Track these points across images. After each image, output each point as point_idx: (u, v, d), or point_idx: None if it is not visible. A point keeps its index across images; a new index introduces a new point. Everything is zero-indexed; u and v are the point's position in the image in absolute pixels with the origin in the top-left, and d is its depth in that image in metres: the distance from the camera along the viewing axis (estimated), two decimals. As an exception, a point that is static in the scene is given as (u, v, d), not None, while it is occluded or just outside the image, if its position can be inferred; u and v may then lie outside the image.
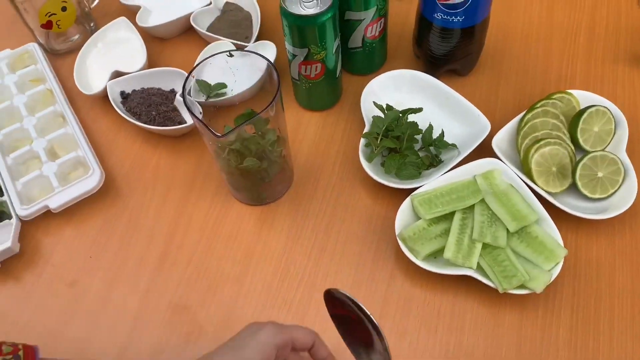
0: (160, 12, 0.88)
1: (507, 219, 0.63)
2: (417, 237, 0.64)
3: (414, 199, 0.65)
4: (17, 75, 0.82)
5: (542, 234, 0.63)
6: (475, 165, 0.68)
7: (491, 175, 0.67)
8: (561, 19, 0.85)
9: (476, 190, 0.66)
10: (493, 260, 0.62)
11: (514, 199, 0.65)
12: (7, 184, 0.72)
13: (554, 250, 0.61)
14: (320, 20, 0.65)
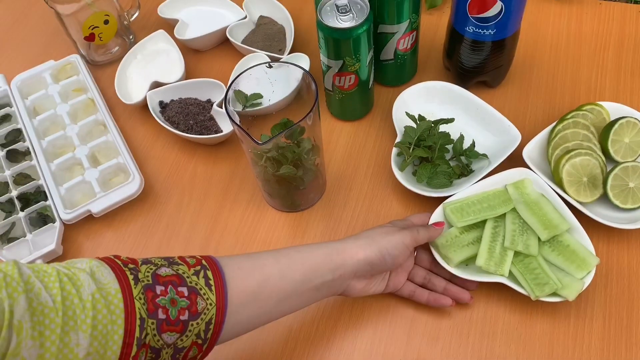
0: (197, 25, 0.91)
1: (538, 227, 0.64)
2: (450, 244, 0.65)
3: (446, 207, 0.67)
4: (60, 85, 0.85)
5: (574, 242, 0.64)
6: (506, 175, 0.69)
7: (522, 184, 0.68)
8: (590, 32, 0.86)
9: (507, 200, 0.67)
10: (525, 268, 0.63)
11: (545, 208, 0.65)
12: (51, 189, 0.75)
13: (585, 259, 0.62)
14: (355, 33, 0.67)
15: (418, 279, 0.65)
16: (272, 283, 0.53)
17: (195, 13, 0.93)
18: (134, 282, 0.47)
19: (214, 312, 0.50)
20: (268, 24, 0.90)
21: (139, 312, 0.45)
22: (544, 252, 0.64)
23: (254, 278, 0.53)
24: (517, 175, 0.69)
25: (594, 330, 0.62)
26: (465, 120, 0.76)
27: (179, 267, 0.50)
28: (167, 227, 0.74)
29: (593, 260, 0.62)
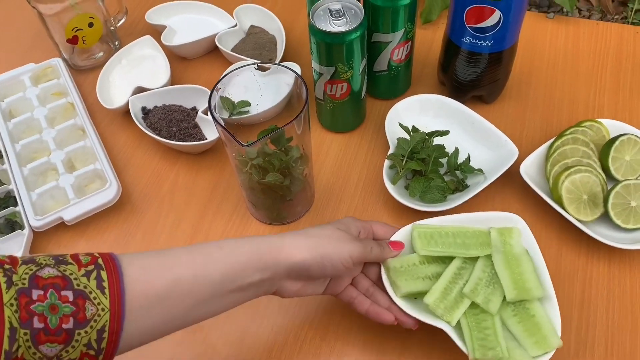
0: (186, 32, 0.88)
1: (508, 284, 0.56)
2: (403, 271, 0.56)
3: (415, 229, 0.59)
4: (39, 89, 0.82)
5: (541, 315, 0.54)
6: (495, 216, 0.60)
7: (509, 233, 0.59)
8: (587, 51, 0.84)
9: (485, 243, 0.58)
10: (476, 323, 0.54)
11: (524, 267, 0.56)
12: (22, 194, 0.70)
13: (547, 337, 0.53)
14: (348, 38, 0.64)
15: (361, 287, 0.58)
16: (184, 285, 0.47)
17: (184, 20, 0.90)
18: (7, 285, 0.40)
19: (107, 319, 0.43)
20: (259, 33, 0.88)
21: (8, 320, 0.39)
22: (504, 314, 0.56)
23: (161, 279, 0.46)
24: (507, 220, 0.60)
25: (596, 356, 0.58)
26: (460, 135, 0.73)
27: (67, 267, 0.43)
28: (143, 238, 0.70)
29: (555, 342, 0.53)
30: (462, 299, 0.55)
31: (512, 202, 0.69)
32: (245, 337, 0.61)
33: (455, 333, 0.54)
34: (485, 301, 0.55)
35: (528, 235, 0.59)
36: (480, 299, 0.55)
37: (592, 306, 0.61)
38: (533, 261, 0.57)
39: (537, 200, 0.67)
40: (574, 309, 0.61)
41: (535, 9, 0.90)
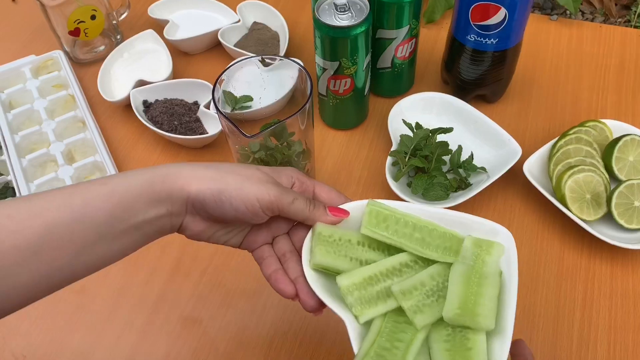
0: (188, 27, 0.88)
1: (453, 301, 0.42)
2: (332, 242, 0.45)
3: (370, 205, 0.46)
4: (40, 80, 0.81)
5: (480, 351, 0.41)
6: (481, 223, 0.47)
7: (488, 247, 0.45)
8: (590, 53, 0.84)
9: (452, 250, 0.45)
10: (390, 331, 0.43)
11: (485, 290, 0.43)
12: (20, 185, 0.70)
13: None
14: (353, 32, 0.64)
15: (277, 249, 0.48)
16: (61, 231, 0.40)
17: (187, 15, 0.90)
18: None
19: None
20: (262, 29, 0.87)
21: None
22: (433, 335, 0.43)
23: (31, 228, 0.39)
24: (493, 233, 0.46)
25: (598, 356, 0.58)
26: (463, 133, 0.73)
27: None
28: (143, 231, 0.69)
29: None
30: (386, 298, 0.44)
31: (514, 200, 0.69)
32: (245, 332, 0.61)
33: (356, 330, 0.43)
34: (413, 309, 0.43)
35: (511, 257, 0.45)
36: (408, 305, 0.43)
37: (595, 305, 0.60)
38: (502, 288, 0.44)
39: (540, 199, 0.67)
40: (576, 309, 0.60)
41: (539, 11, 0.90)
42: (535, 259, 0.64)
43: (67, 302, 0.64)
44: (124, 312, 0.63)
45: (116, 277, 0.65)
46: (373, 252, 0.46)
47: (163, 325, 0.62)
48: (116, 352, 0.60)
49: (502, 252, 0.45)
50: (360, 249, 0.46)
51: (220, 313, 0.62)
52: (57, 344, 0.61)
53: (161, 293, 0.64)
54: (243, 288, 0.64)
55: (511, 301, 0.43)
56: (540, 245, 0.65)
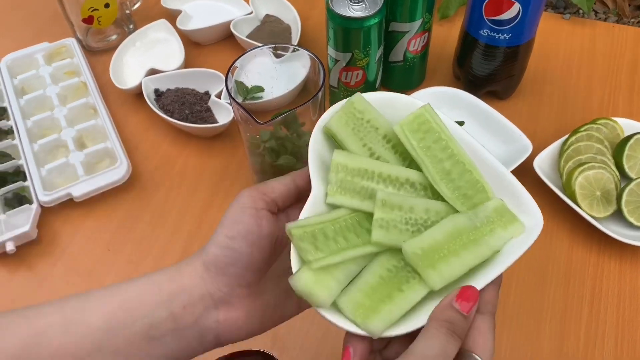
0: (201, 18, 0.88)
1: (424, 242, 0.36)
2: (359, 118, 0.40)
3: (423, 109, 0.40)
4: (53, 67, 0.81)
5: (409, 300, 0.36)
6: (521, 197, 0.39)
7: (508, 221, 0.38)
8: (603, 52, 0.84)
9: (470, 200, 0.39)
10: (341, 226, 0.37)
11: (465, 256, 0.37)
12: (31, 169, 0.70)
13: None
14: (367, 23, 0.64)
15: None
16: (49, 339, 0.33)
17: (200, 6, 0.90)
18: None
19: None
20: (274, 22, 0.87)
21: None
22: (380, 257, 0.37)
23: (16, 335, 0.33)
24: (527, 213, 0.39)
25: (605, 353, 0.57)
26: (474, 128, 0.72)
27: None
28: (151, 219, 0.70)
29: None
30: (366, 198, 0.38)
31: (524, 196, 0.69)
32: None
33: (316, 207, 0.38)
34: (380, 223, 0.37)
35: (521, 246, 0.38)
36: (379, 215, 0.37)
37: (603, 302, 0.60)
38: (484, 267, 0.38)
39: (550, 195, 0.67)
40: (584, 305, 0.60)
41: (552, 10, 0.90)
42: (544, 255, 0.64)
43: (75, 286, 0.64)
44: (132, 298, 0.63)
45: (124, 262, 0.66)
46: (392, 154, 0.41)
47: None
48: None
49: (518, 234, 0.38)
50: (381, 142, 0.40)
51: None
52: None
53: (169, 279, 0.64)
54: (250, 276, 0.64)
55: (478, 283, 0.36)
56: (550, 241, 0.65)
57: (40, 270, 0.65)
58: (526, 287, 0.62)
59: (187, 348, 0.36)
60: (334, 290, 0.36)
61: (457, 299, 0.33)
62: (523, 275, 0.63)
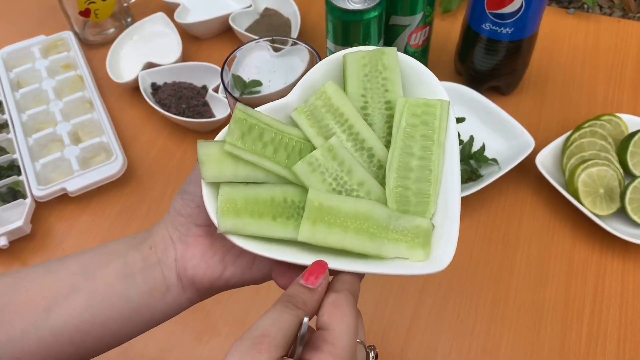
0: (199, 11, 0.87)
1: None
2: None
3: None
4: (49, 61, 0.80)
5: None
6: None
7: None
8: (607, 47, 0.83)
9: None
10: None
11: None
12: (26, 163, 0.69)
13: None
14: (366, 16, 0.63)
15: None
16: (28, 283, 0.36)
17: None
18: None
19: None
20: (274, 15, 0.86)
21: None
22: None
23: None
24: None
25: (608, 351, 0.56)
26: (476, 124, 0.71)
27: None
28: (147, 214, 0.69)
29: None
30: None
31: (526, 193, 0.67)
32: (247, 318, 0.60)
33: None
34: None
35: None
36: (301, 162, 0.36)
37: (605, 301, 0.59)
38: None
39: (552, 192, 0.66)
40: (586, 304, 0.59)
41: (556, 5, 0.88)
42: (546, 253, 0.63)
43: (69, 282, 0.63)
44: (126, 294, 0.62)
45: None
46: (382, 120, 0.38)
47: (165, 308, 0.61)
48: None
49: (416, 260, 0.36)
50: (379, 104, 0.38)
51: (223, 298, 0.61)
52: (58, 323, 0.61)
53: (164, 276, 0.63)
54: (247, 273, 0.63)
55: (340, 264, 0.34)
56: (551, 239, 0.64)
57: (34, 266, 0.65)
58: (527, 284, 0.61)
59: (155, 290, 0.37)
60: (224, 176, 0.35)
61: (304, 275, 0.32)
62: (524, 273, 0.61)
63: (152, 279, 0.37)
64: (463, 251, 0.63)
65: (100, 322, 0.35)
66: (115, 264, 0.36)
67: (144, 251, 0.37)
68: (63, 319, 0.35)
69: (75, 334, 0.35)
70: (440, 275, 0.61)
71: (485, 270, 0.62)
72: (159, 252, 0.37)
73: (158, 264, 0.37)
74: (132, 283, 0.36)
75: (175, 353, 0.58)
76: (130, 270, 0.36)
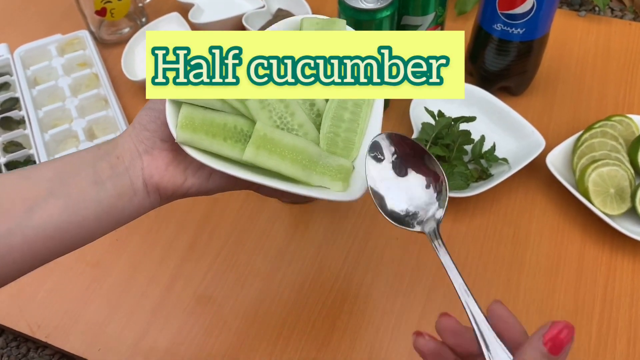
0: (213, 11, 0.88)
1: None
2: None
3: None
4: (65, 59, 0.82)
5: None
6: None
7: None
8: (618, 49, 0.83)
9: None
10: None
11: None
12: (42, 159, 0.70)
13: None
14: (379, 16, 0.64)
15: None
16: (5, 186, 0.39)
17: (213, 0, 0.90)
18: None
19: None
20: (286, 16, 0.87)
21: None
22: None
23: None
24: None
25: (617, 352, 0.56)
26: (486, 124, 0.72)
27: None
28: (159, 209, 0.68)
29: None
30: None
31: (536, 193, 0.68)
32: (257, 313, 0.60)
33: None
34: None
35: None
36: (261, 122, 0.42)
37: (615, 301, 0.59)
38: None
39: (562, 192, 0.66)
40: (596, 304, 0.59)
41: (567, 7, 0.89)
42: (556, 252, 0.63)
43: (83, 275, 0.64)
44: (138, 288, 0.63)
45: (131, 253, 0.66)
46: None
47: (177, 302, 0.62)
48: (130, 325, 0.60)
49: (336, 190, 0.44)
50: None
51: (234, 292, 0.62)
52: (72, 315, 0.61)
53: (175, 271, 0.64)
54: (258, 268, 0.64)
55: (276, 184, 0.41)
56: (561, 239, 0.64)
57: (49, 259, 0.66)
58: (537, 284, 0.61)
59: (124, 194, 0.41)
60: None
61: (546, 339, 0.33)
62: (533, 272, 0.62)
63: (120, 185, 0.41)
64: (473, 250, 0.64)
65: (76, 222, 0.40)
66: (85, 172, 0.41)
67: (112, 161, 0.41)
68: (44, 219, 0.39)
69: (56, 232, 0.39)
70: (449, 273, 0.62)
71: (494, 268, 0.62)
72: (126, 162, 0.42)
73: (126, 172, 0.41)
74: (102, 189, 0.40)
75: (185, 347, 0.59)
76: (100, 178, 0.41)
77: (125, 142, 0.42)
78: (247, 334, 0.59)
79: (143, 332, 0.60)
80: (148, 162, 0.42)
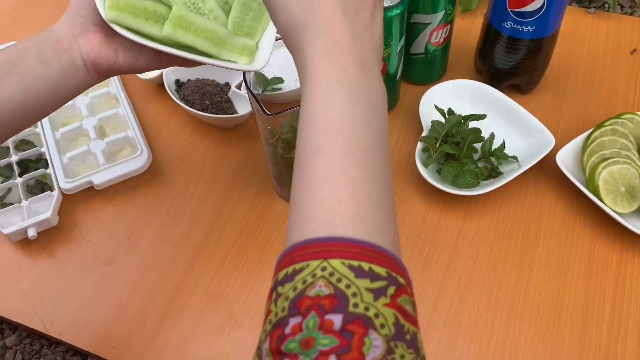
0: (222, 9, 0.88)
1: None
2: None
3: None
4: (75, 57, 0.82)
5: None
6: None
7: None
8: (628, 47, 0.82)
9: None
10: None
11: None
12: (53, 157, 0.71)
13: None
14: (389, 14, 0.64)
15: None
16: None
17: None
18: None
19: None
20: None
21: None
22: None
23: None
24: None
25: (628, 350, 0.56)
26: (496, 121, 0.72)
27: None
28: (170, 208, 0.70)
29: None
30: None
31: (545, 191, 0.68)
32: (269, 310, 0.61)
33: None
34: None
35: None
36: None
37: (626, 299, 0.59)
38: None
39: (572, 190, 0.66)
40: (607, 302, 0.59)
41: (576, 4, 0.88)
42: (566, 250, 0.63)
43: (95, 272, 0.65)
44: (150, 286, 0.63)
45: (143, 251, 0.66)
46: None
47: (188, 300, 0.62)
48: (142, 323, 0.61)
49: (242, 63, 0.52)
50: None
51: (245, 290, 0.63)
52: (85, 312, 0.62)
53: (186, 269, 0.64)
54: (269, 266, 0.64)
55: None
56: (571, 237, 0.64)
57: (61, 256, 0.66)
58: (547, 281, 0.61)
59: (68, 70, 0.48)
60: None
61: None
62: (544, 270, 0.62)
63: (64, 63, 0.47)
64: (483, 248, 0.64)
65: (33, 95, 0.46)
66: (30, 55, 0.46)
67: (52, 44, 0.47)
68: (5, 95, 0.45)
69: (16, 105, 0.46)
70: (460, 272, 0.62)
71: (505, 266, 0.62)
72: (65, 44, 0.48)
73: (65, 52, 0.47)
74: (48, 66, 0.47)
75: (197, 344, 0.59)
76: (44, 57, 0.47)
77: (60, 28, 0.48)
78: (259, 332, 0.59)
79: (155, 330, 0.60)
80: (84, 43, 0.48)
